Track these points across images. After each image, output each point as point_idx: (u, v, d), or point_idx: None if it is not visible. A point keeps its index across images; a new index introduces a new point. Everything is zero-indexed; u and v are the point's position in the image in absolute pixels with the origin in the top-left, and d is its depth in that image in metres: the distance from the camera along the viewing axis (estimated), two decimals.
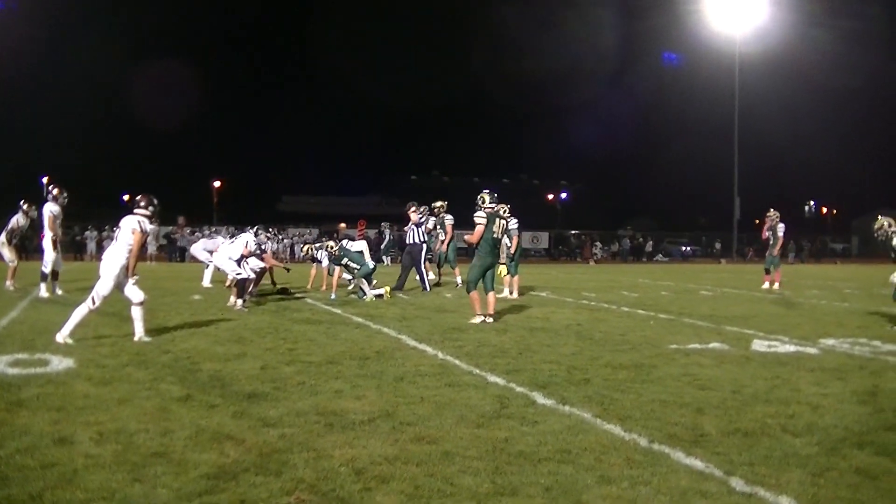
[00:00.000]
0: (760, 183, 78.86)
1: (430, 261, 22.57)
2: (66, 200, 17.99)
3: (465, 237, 13.85)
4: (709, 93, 78.46)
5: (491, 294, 13.70)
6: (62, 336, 10.27)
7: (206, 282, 20.63)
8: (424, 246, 20.89)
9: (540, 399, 7.50)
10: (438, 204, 22.52)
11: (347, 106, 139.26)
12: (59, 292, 17.41)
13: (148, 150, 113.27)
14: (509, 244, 18.75)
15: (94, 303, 10.61)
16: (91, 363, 9.01)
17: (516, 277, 18.81)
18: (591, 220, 79.31)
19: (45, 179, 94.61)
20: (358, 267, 17.79)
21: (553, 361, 9.64)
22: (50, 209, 17.53)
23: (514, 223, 18.72)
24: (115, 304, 12.37)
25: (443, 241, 22.24)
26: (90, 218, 59.47)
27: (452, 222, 22.34)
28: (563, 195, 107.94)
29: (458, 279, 21.99)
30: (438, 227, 22.49)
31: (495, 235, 13.90)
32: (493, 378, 8.48)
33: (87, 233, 51.81)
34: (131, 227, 10.96)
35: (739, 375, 8.92)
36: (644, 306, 17.36)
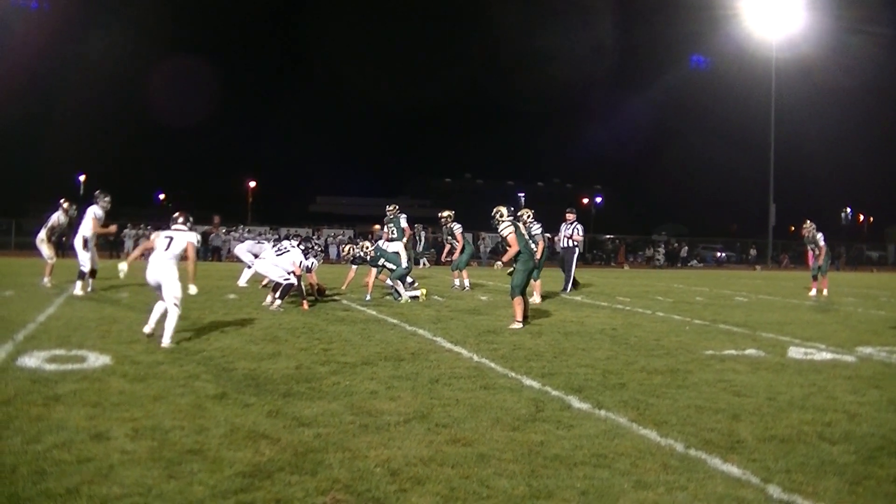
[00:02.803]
0: (795, 189, 78.41)
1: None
2: (109, 206, 18.18)
3: (503, 259, 13.77)
4: (742, 97, 78.04)
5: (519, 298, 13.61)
6: (167, 341, 10.29)
7: (243, 282, 20.68)
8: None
9: (575, 403, 7.48)
10: (445, 214, 22.63)
11: (383, 107, 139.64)
12: (90, 290, 17.48)
13: (183, 150, 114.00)
14: (535, 249, 18.73)
15: (179, 307, 10.70)
16: (126, 360, 9.07)
17: (538, 282, 18.72)
18: (624, 224, 79.03)
19: (81, 178, 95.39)
20: (394, 268, 17.80)
21: (588, 365, 9.62)
22: (94, 212, 17.68)
23: (537, 228, 18.69)
24: (152, 302, 12.43)
25: (453, 250, 22.45)
26: (125, 216, 59.89)
27: (461, 230, 22.45)
28: (598, 199, 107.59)
29: (456, 282, 22.32)
30: (448, 236, 22.63)
31: (526, 238, 13.91)
32: (528, 381, 8.46)
33: (126, 231, 51.97)
34: (188, 241, 11.37)
35: (775, 382, 8.86)
36: (679, 311, 17.27)
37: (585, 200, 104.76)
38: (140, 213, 66.15)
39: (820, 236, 24.52)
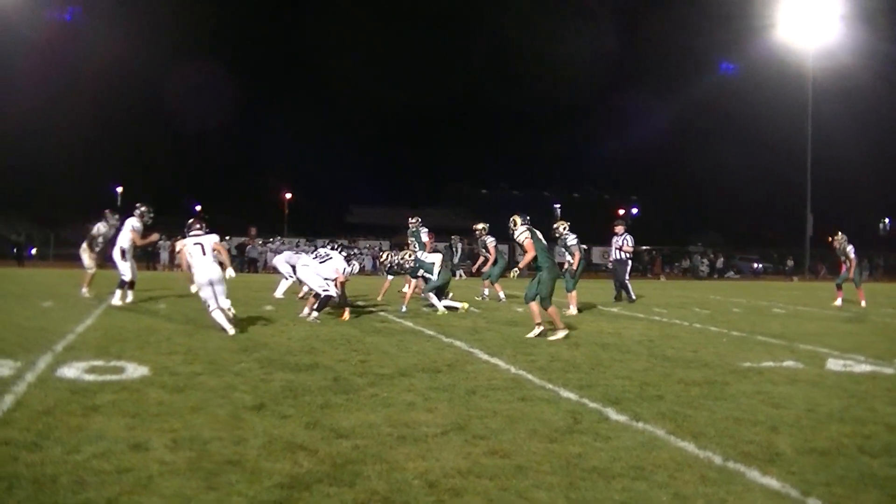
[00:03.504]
0: (833, 199, 77.67)
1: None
2: (151, 221, 18.37)
3: (519, 265, 13.81)
4: (778, 106, 77.29)
5: (534, 304, 13.54)
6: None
7: (280, 293, 20.76)
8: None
9: (613, 415, 7.45)
10: (480, 226, 22.77)
11: (419, 117, 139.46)
12: (130, 300, 17.61)
13: (220, 161, 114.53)
14: (571, 260, 18.75)
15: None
16: (165, 371, 9.11)
17: (574, 293, 18.66)
18: (660, 235, 78.69)
19: (119, 189, 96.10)
20: (431, 278, 17.85)
21: (625, 377, 9.58)
22: (133, 224, 17.83)
23: (573, 239, 18.71)
24: (190, 313, 12.56)
25: (486, 261, 22.57)
26: (161, 227, 60.26)
27: (494, 243, 22.58)
28: (634, 210, 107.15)
29: (485, 291, 22.53)
30: (482, 248, 22.71)
31: (545, 245, 13.81)
32: (565, 393, 8.43)
33: (161, 241, 52.25)
34: (214, 241, 13.60)
35: (814, 394, 8.78)
36: (716, 323, 17.18)
37: (622, 211, 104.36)
38: (176, 224, 66.61)
39: (850, 248, 24.59)
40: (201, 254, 13.48)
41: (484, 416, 7.27)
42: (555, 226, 18.97)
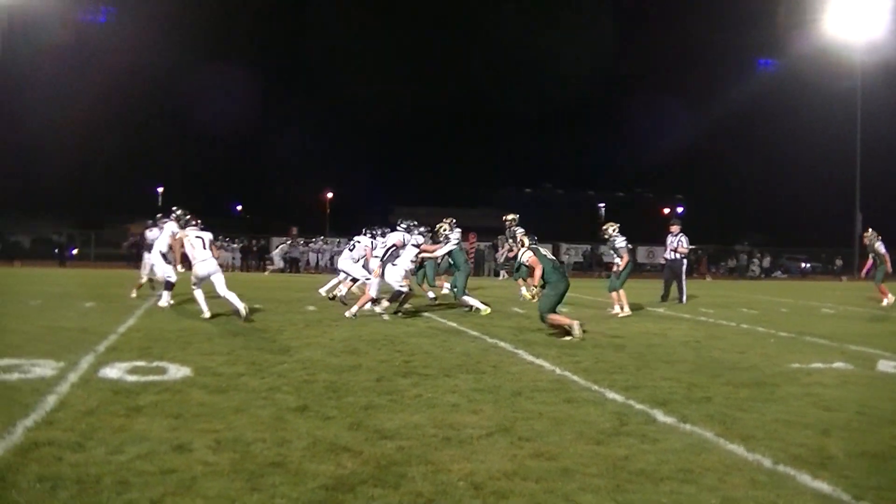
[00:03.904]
0: (883, 198, 76.66)
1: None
2: (186, 224, 18.54)
3: (529, 281, 13.87)
4: (825, 103, 76.46)
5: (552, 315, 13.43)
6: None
7: (343, 292, 20.80)
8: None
9: (660, 417, 7.36)
10: (510, 217, 22.69)
11: (459, 116, 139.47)
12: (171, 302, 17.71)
13: (261, 161, 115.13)
14: (619, 262, 18.63)
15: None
16: (207, 372, 9.12)
17: (622, 292, 18.52)
18: (705, 234, 78.12)
19: (160, 189, 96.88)
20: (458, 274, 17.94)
21: (672, 378, 9.48)
22: (172, 228, 17.96)
23: (622, 241, 18.58)
24: (232, 313, 12.58)
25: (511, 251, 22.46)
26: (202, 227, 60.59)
27: (524, 233, 22.41)
28: (679, 209, 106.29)
29: (523, 290, 22.24)
30: (510, 240, 22.54)
31: (553, 259, 13.77)
32: (611, 394, 8.35)
33: None
34: (209, 238, 15.16)
35: (865, 396, 8.63)
36: (763, 323, 16.99)
37: (667, 210, 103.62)
38: (220, 226, 66.98)
39: (880, 244, 24.61)
40: (202, 247, 15.16)
41: (529, 417, 7.21)
42: (603, 227, 18.88)
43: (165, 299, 17.34)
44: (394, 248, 16.24)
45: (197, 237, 15.43)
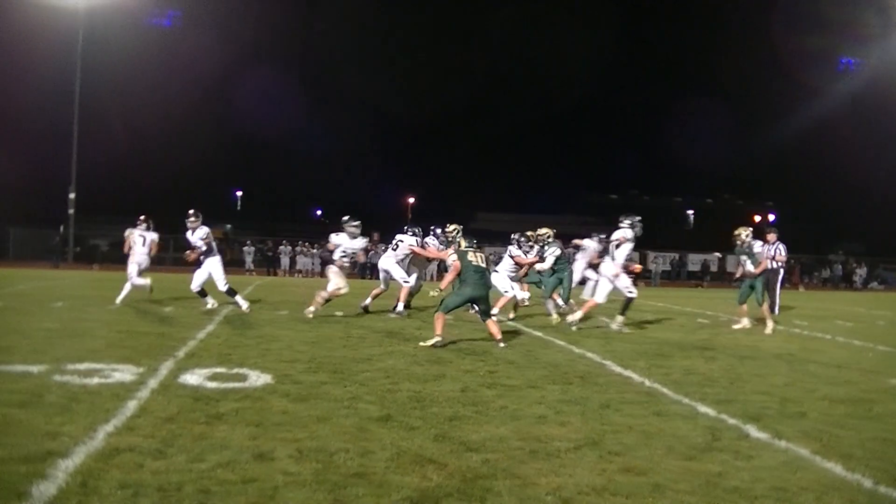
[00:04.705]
0: None
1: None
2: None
3: (441, 287, 13.83)
4: None
5: (490, 321, 13.18)
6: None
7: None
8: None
9: (753, 432, 7.16)
10: (543, 231, 22.22)
11: (542, 121, 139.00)
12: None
13: (342, 166, 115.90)
14: (752, 270, 17.86)
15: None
16: (288, 379, 9.07)
17: (765, 306, 17.66)
18: (797, 243, 76.81)
19: (238, 193, 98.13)
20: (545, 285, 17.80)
21: (765, 392, 9.24)
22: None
23: (759, 246, 18.11)
24: (313, 320, 12.58)
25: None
26: (281, 232, 61.07)
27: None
28: (771, 216, 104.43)
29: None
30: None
31: (475, 263, 13.31)
32: (702, 408, 8.15)
33: (282, 247, 52.95)
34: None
35: None
36: (860, 337, 16.57)
37: (757, 217, 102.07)
38: (296, 230, 67.43)
39: None
40: (142, 245, 18.85)
41: (618, 430, 7.05)
42: (735, 232, 18.21)
43: (242, 303, 17.39)
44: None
45: (140, 236, 19.26)
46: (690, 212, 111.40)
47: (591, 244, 18.73)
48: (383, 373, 9.82)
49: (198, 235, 17.66)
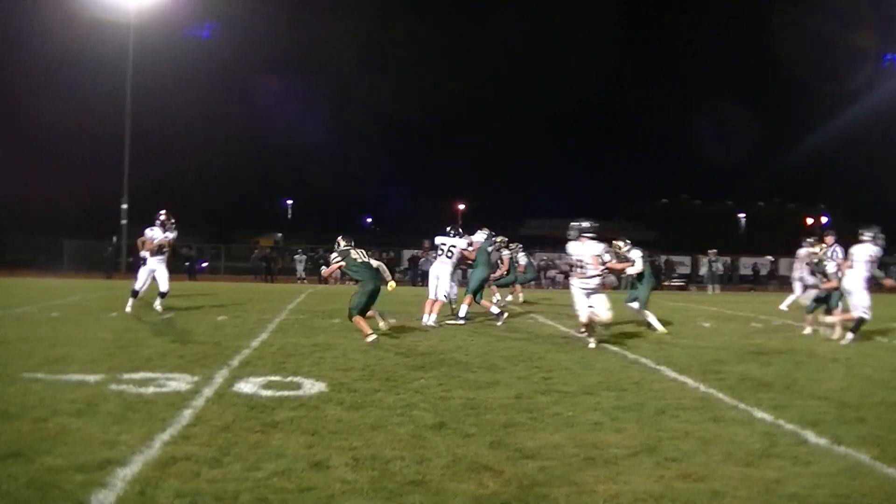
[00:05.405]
0: None
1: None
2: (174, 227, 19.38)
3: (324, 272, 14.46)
4: None
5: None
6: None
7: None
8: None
9: (811, 438, 7.09)
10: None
11: (590, 126, 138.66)
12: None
13: (391, 173, 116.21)
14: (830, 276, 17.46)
15: None
16: (342, 387, 9.10)
17: (838, 309, 17.15)
18: (851, 245, 75.79)
19: (289, 202, 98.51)
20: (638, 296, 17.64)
21: (822, 397, 9.15)
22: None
23: (840, 252, 17.82)
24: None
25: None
26: (331, 241, 61.32)
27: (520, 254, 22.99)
28: (824, 219, 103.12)
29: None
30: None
31: (360, 260, 14.30)
32: (759, 414, 8.09)
33: (332, 255, 53.07)
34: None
35: None
36: None
37: (810, 220, 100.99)
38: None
39: None
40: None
41: (675, 437, 7.02)
42: (818, 237, 17.85)
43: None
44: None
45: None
46: (742, 215, 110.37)
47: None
48: (436, 380, 9.84)
49: (172, 236, 18.76)
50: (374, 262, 14.44)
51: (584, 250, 13.32)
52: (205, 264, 53.84)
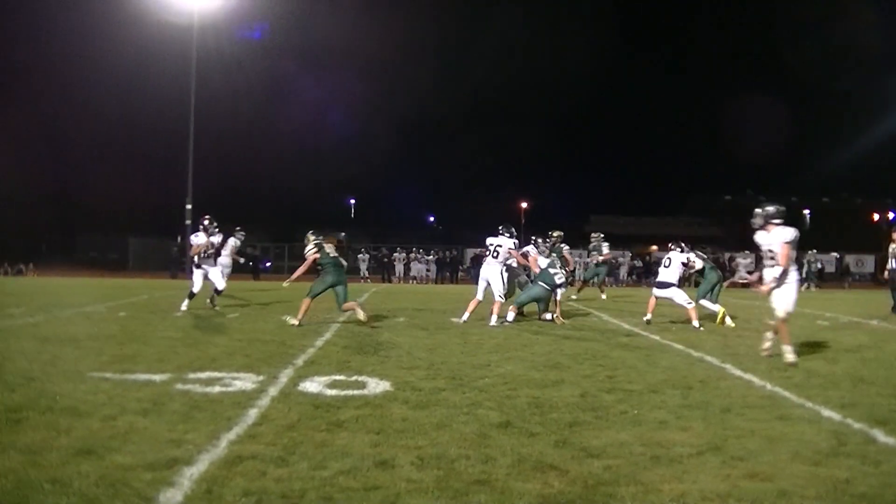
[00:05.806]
0: None
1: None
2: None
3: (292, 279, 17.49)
4: None
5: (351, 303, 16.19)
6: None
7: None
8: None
9: (881, 437, 6.99)
10: (556, 234, 22.34)
11: (653, 123, 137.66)
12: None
13: (454, 171, 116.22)
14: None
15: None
16: (407, 386, 9.13)
17: None
18: None
19: (352, 201, 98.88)
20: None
21: (891, 395, 9.01)
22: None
23: None
24: (429, 326, 12.62)
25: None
26: (392, 239, 61.43)
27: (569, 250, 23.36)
28: (892, 214, 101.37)
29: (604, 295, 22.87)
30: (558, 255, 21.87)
31: (332, 255, 16.55)
32: (826, 412, 7.99)
33: (396, 254, 53.27)
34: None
35: None
36: None
37: (876, 216, 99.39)
38: (415, 237, 67.72)
39: None
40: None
41: (741, 435, 6.96)
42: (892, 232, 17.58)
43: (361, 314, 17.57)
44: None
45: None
46: (807, 211, 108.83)
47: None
48: (501, 379, 9.84)
49: (216, 240, 20.12)
50: (343, 260, 16.86)
51: (773, 238, 11.98)
52: (269, 264, 54.22)
